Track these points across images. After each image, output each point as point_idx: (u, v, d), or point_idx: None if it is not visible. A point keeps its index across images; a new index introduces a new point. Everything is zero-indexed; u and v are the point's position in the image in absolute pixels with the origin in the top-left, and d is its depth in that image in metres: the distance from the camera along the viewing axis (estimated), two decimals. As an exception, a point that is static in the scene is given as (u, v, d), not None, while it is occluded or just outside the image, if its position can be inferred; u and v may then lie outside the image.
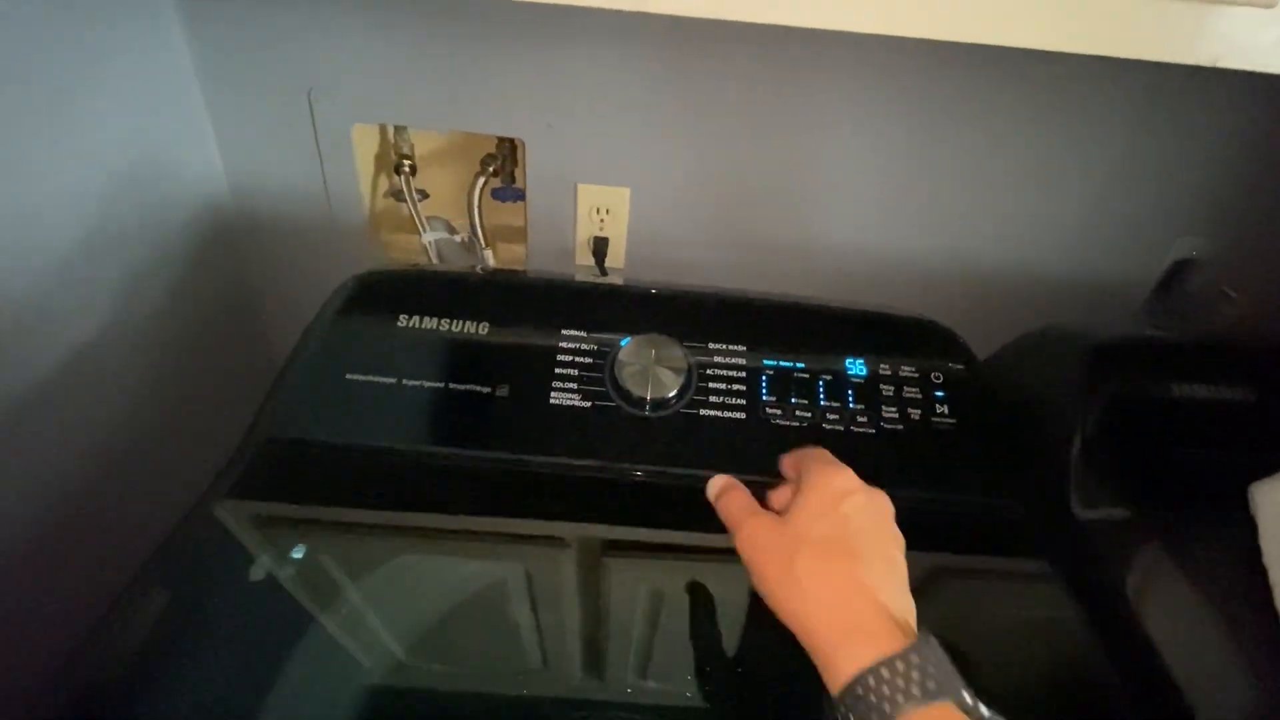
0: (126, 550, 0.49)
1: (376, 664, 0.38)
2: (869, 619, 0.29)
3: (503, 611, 0.42)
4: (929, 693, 0.26)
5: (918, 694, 0.26)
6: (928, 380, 0.51)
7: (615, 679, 0.38)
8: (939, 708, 0.26)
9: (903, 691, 0.26)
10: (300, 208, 0.75)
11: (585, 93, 0.67)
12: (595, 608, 0.42)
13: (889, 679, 0.27)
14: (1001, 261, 0.77)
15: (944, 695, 0.26)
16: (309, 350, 0.50)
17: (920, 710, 0.26)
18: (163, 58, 0.63)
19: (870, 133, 0.69)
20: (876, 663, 0.27)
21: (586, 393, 0.49)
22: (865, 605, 0.30)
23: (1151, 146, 0.69)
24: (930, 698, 0.26)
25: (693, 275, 0.79)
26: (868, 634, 0.28)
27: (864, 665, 0.27)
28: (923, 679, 0.27)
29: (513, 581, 0.43)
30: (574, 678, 0.38)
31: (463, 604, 0.41)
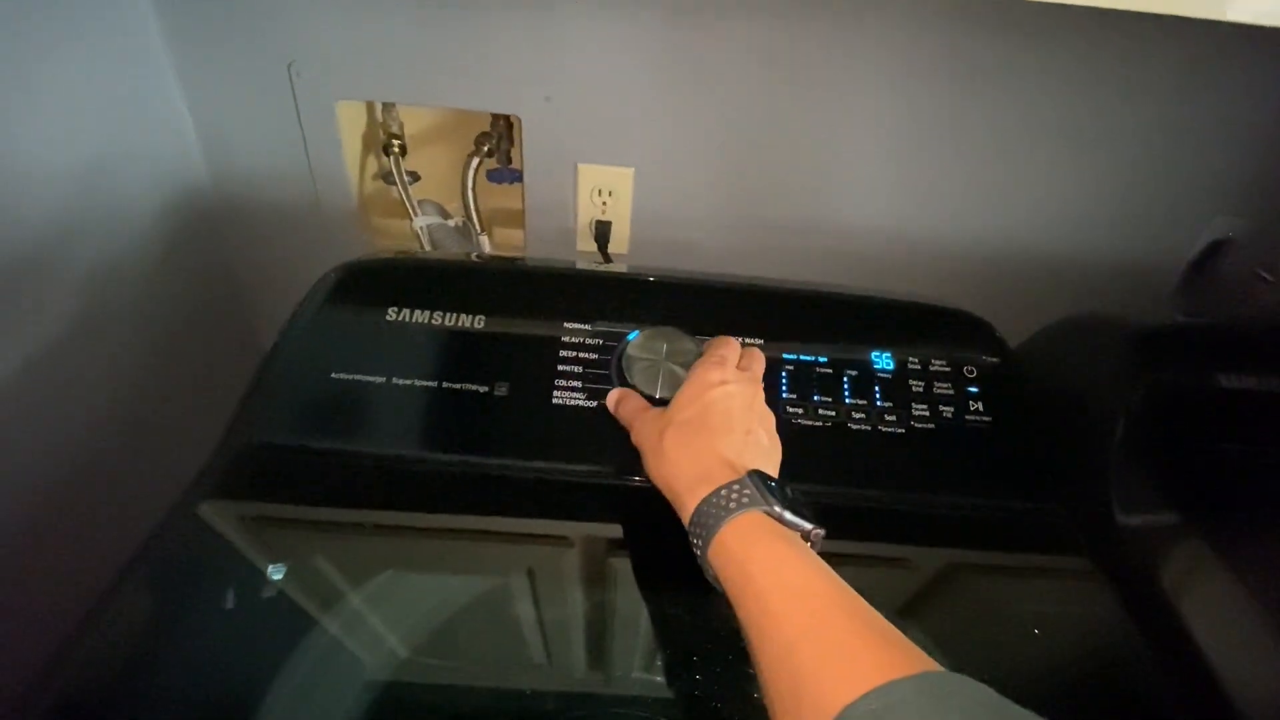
0: (106, 550, 0.46)
1: (366, 669, 0.36)
2: (715, 471, 0.36)
3: (501, 623, 0.39)
4: (742, 506, 0.34)
5: (733, 508, 0.34)
6: (960, 375, 0.47)
7: (616, 683, 0.37)
8: (749, 515, 0.33)
9: (724, 509, 0.34)
10: (284, 191, 0.71)
11: (586, 65, 0.63)
12: (598, 618, 0.39)
13: (716, 503, 0.34)
14: (1024, 246, 0.73)
15: (754, 506, 0.34)
16: (290, 347, 0.46)
17: (734, 519, 0.33)
18: (131, 33, 0.59)
19: (888, 106, 0.64)
20: (709, 493, 0.35)
21: (592, 391, 0.45)
22: (714, 462, 0.36)
23: (1187, 120, 0.65)
24: (742, 509, 0.33)
25: (701, 260, 0.75)
26: (711, 480, 0.35)
27: (702, 496, 0.35)
28: (739, 498, 0.34)
29: (512, 588, 0.40)
30: (573, 682, 0.36)
31: (457, 615, 0.39)
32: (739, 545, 0.33)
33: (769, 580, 0.31)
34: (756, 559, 0.32)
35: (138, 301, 0.63)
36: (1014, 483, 0.45)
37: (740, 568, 0.32)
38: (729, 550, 0.33)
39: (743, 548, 0.33)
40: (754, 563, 0.32)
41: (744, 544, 0.33)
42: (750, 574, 0.32)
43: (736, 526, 0.33)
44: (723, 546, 0.33)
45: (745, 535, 0.33)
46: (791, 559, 0.32)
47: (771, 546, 0.32)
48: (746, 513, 0.33)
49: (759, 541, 0.33)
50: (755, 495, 0.34)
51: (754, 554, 0.32)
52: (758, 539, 0.33)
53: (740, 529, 0.33)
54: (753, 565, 0.32)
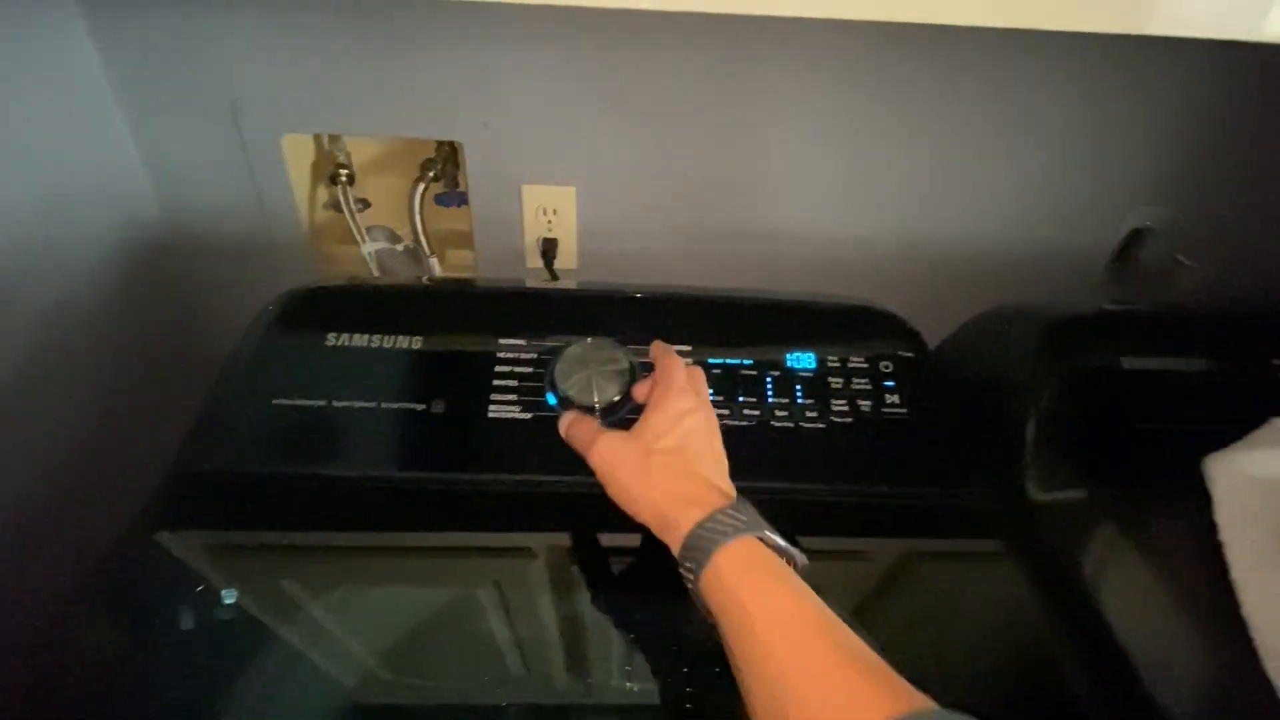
0: (58, 581, 0.47)
1: (325, 692, 0.37)
2: (702, 493, 0.37)
3: (460, 628, 0.40)
4: (738, 530, 0.34)
5: (729, 533, 0.34)
6: (877, 370, 0.50)
7: (577, 689, 0.38)
8: (745, 540, 0.34)
9: (720, 534, 0.34)
10: (235, 224, 0.72)
11: (522, 91, 0.65)
12: (551, 622, 0.41)
13: (710, 528, 0.34)
14: (958, 242, 0.76)
15: (749, 531, 0.34)
16: (232, 376, 0.48)
17: (730, 544, 0.33)
18: (75, 75, 0.60)
19: (817, 118, 0.67)
20: (703, 518, 0.35)
21: (527, 404, 0.47)
22: (698, 485, 0.37)
23: (1101, 118, 0.68)
24: (738, 534, 0.34)
25: (648, 272, 0.77)
26: (701, 503, 0.36)
27: (695, 522, 0.35)
28: (734, 523, 0.34)
29: (463, 600, 0.42)
30: (543, 688, 0.38)
31: (418, 625, 0.40)
32: (733, 571, 0.33)
33: (761, 609, 0.31)
34: (749, 585, 0.32)
35: (92, 337, 0.64)
36: (929, 470, 0.47)
37: (732, 594, 0.32)
38: (722, 576, 0.33)
39: (736, 574, 0.33)
40: (746, 589, 0.32)
41: (738, 570, 0.33)
42: (742, 601, 0.32)
43: (732, 551, 0.33)
44: (716, 571, 0.33)
45: (740, 561, 0.33)
46: (784, 590, 0.32)
47: (764, 575, 0.33)
48: (743, 537, 0.34)
49: (753, 568, 0.33)
50: (751, 521, 0.34)
51: (747, 580, 0.32)
52: (751, 566, 0.33)
53: (736, 553, 0.33)
54: (744, 591, 0.32)
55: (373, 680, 0.38)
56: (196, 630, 0.38)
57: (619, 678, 0.39)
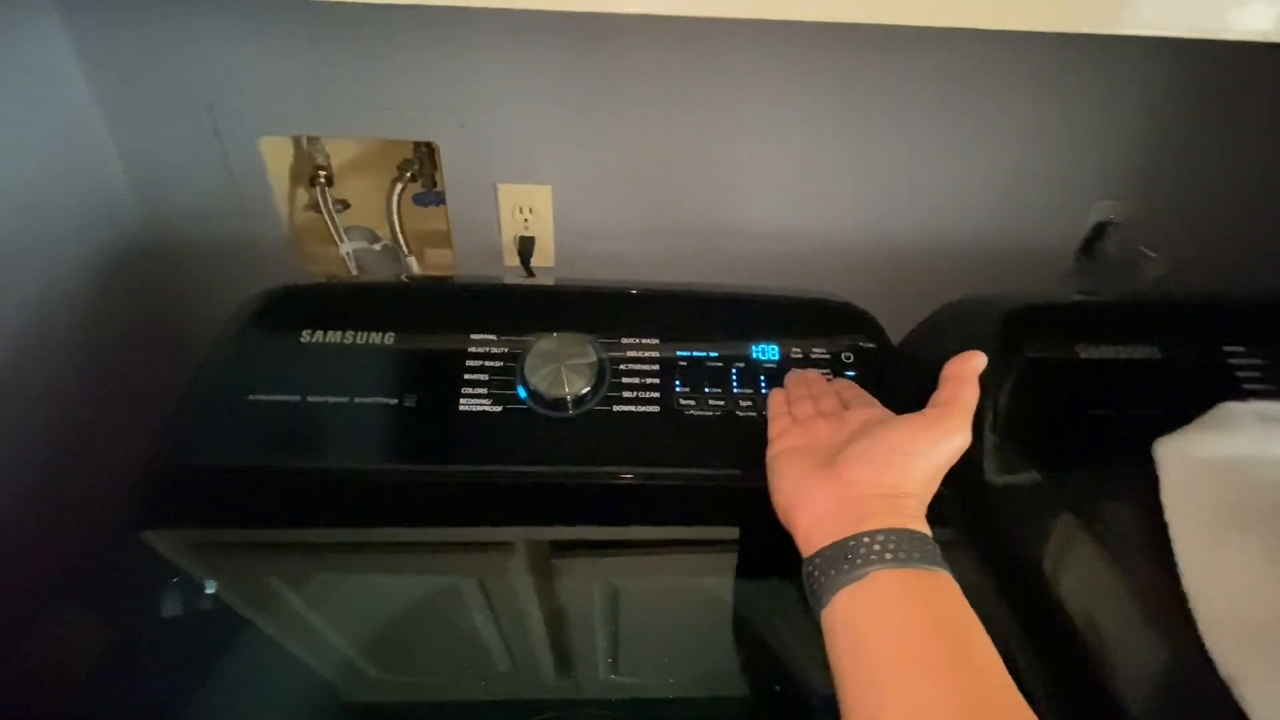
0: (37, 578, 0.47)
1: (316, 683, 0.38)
2: (904, 515, 0.36)
3: (439, 623, 0.41)
4: (929, 562, 0.33)
5: (919, 557, 0.33)
6: (838, 360, 0.51)
7: (560, 680, 0.39)
8: (938, 573, 0.33)
9: (918, 556, 0.33)
10: (215, 226, 0.73)
11: (497, 91, 0.66)
12: (524, 611, 0.42)
13: (914, 537, 0.34)
14: (926, 238, 0.77)
15: (933, 565, 0.33)
16: (209, 372, 0.49)
17: (928, 570, 0.33)
18: (52, 78, 0.61)
19: (783, 117, 0.69)
20: (892, 527, 0.34)
21: (497, 397, 0.49)
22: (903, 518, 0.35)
23: (1064, 114, 0.70)
24: (931, 566, 0.33)
25: (624, 269, 0.78)
26: (901, 517, 0.35)
27: (896, 523, 0.34)
28: (921, 553, 0.33)
29: (438, 591, 0.43)
30: (525, 682, 0.38)
31: (397, 619, 0.41)
32: (902, 593, 0.32)
33: (897, 639, 0.31)
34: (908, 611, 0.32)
35: (72, 340, 0.65)
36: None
37: (872, 619, 0.32)
38: (890, 594, 0.32)
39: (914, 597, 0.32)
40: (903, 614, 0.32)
41: (920, 596, 0.33)
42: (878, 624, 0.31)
43: (924, 577, 0.33)
44: (878, 586, 0.32)
45: (924, 585, 0.33)
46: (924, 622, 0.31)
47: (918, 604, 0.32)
48: (932, 569, 0.33)
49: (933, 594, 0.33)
50: (932, 553, 0.34)
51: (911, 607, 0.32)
52: (932, 593, 0.33)
53: (925, 580, 0.33)
54: (898, 618, 0.31)
55: (349, 672, 0.39)
56: (175, 626, 0.39)
57: (598, 669, 0.39)
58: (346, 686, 0.38)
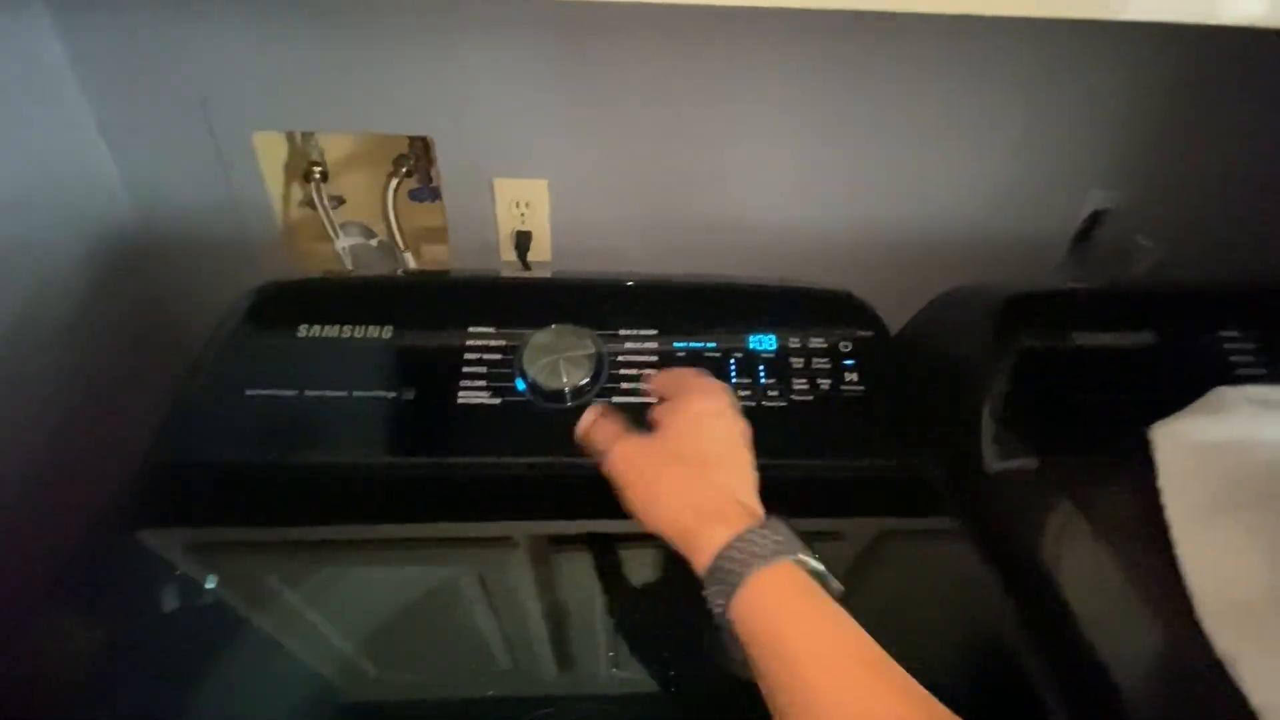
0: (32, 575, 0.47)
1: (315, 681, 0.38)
2: (727, 510, 0.34)
3: (438, 618, 0.41)
4: (775, 554, 0.32)
5: (766, 556, 0.31)
6: (836, 350, 0.52)
7: (559, 674, 0.39)
8: (781, 564, 0.31)
9: (754, 556, 0.31)
10: (210, 223, 0.73)
11: (491, 84, 0.66)
12: (525, 605, 0.42)
13: (742, 548, 0.32)
14: (922, 227, 0.78)
15: (785, 555, 0.32)
16: (206, 367, 0.49)
17: (766, 568, 0.31)
18: (40, 73, 0.61)
19: (780, 107, 0.69)
20: (733, 538, 0.32)
21: (496, 389, 0.49)
22: (724, 500, 0.35)
23: (1057, 104, 0.70)
24: (775, 557, 0.31)
25: (621, 262, 0.78)
26: (726, 520, 0.33)
27: (723, 542, 0.32)
28: (770, 545, 0.32)
29: (438, 585, 0.43)
30: (525, 678, 0.38)
31: (396, 615, 0.41)
32: (769, 598, 0.31)
33: (802, 640, 0.29)
34: (787, 615, 0.30)
35: (65, 338, 0.64)
36: (885, 445, 0.49)
37: (769, 623, 0.30)
38: (756, 603, 0.30)
39: (773, 602, 0.30)
40: (785, 619, 0.30)
41: (775, 597, 0.31)
42: (781, 631, 0.30)
43: (767, 577, 0.31)
44: (750, 599, 0.31)
45: (777, 587, 0.31)
46: (826, 619, 0.30)
47: (804, 603, 0.31)
48: (779, 562, 0.31)
49: (791, 596, 0.31)
50: (787, 542, 0.32)
51: (786, 610, 0.30)
52: (790, 593, 0.31)
53: (771, 580, 0.31)
54: (783, 621, 0.30)
55: (349, 669, 0.38)
56: (173, 624, 0.39)
57: (598, 664, 0.39)
58: (347, 682, 0.38)
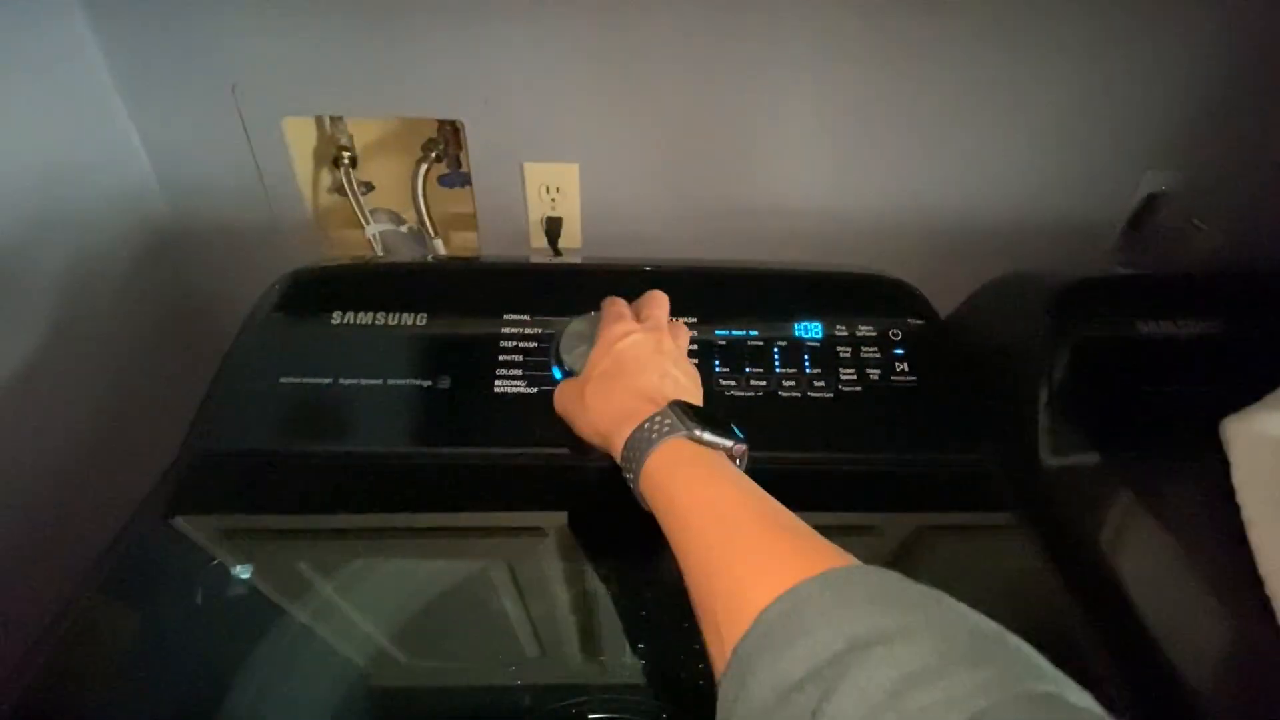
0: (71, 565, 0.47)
1: (343, 668, 0.37)
2: (636, 407, 0.37)
3: (471, 607, 0.40)
4: (663, 434, 0.35)
5: (655, 437, 0.35)
6: (886, 338, 0.49)
7: (595, 666, 0.38)
8: (671, 441, 0.35)
9: (647, 439, 0.35)
10: (239, 209, 0.72)
11: (521, 66, 0.64)
12: (562, 598, 0.41)
13: (640, 436, 0.36)
14: (965, 210, 0.75)
15: (674, 433, 0.35)
16: (239, 356, 0.48)
17: (657, 447, 0.35)
18: (72, 61, 0.60)
19: (819, 86, 0.66)
20: (636, 426, 0.36)
21: (532, 378, 0.47)
22: (633, 400, 0.38)
23: (1111, 78, 0.67)
24: (663, 437, 0.35)
25: (653, 248, 0.76)
26: (635, 417, 0.37)
27: (627, 433, 0.36)
28: (660, 427, 0.35)
29: (474, 575, 0.42)
30: (555, 667, 0.38)
31: (429, 604, 0.40)
32: (662, 471, 0.34)
33: (688, 499, 0.32)
34: (678, 481, 0.33)
35: (99, 324, 0.64)
36: (939, 438, 0.47)
37: (664, 492, 0.33)
38: (653, 477, 0.34)
39: (666, 473, 0.34)
40: (676, 485, 0.33)
41: (667, 469, 0.34)
42: (672, 496, 0.33)
43: (660, 454, 0.34)
44: (649, 475, 0.34)
45: (668, 461, 0.34)
46: (710, 478, 0.33)
47: (692, 468, 0.34)
48: (669, 440, 0.35)
49: (680, 465, 0.34)
50: (676, 422, 0.35)
51: (676, 477, 0.34)
52: (680, 463, 0.34)
53: (664, 456, 0.34)
54: (674, 488, 0.33)
55: (382, 657, 0.38)
56: (210, 609, 0.39)
57: (628, 653, 0.39)
58: (382, 674, 0.37)
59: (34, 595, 0.56)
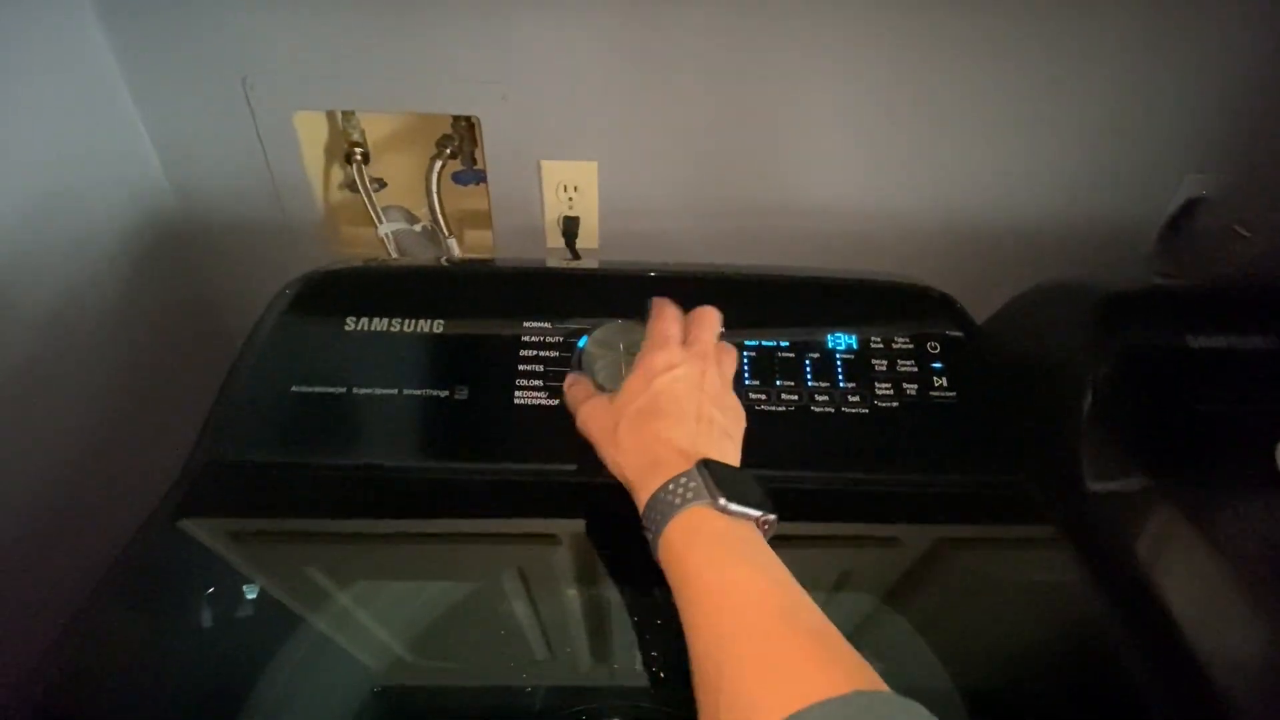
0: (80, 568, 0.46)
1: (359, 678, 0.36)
2: (667, 459, 0.35)
3: (487, 623, 0.39)
4: (686, 501, 0.33)
5: (678, 503, 0.33)
6: (924, 351, 0.47)
7: (610, 684, 0.37)
8: (694, 510, 0.33)
9: (670, 504, 0.33)
10: (249, 205, 0.71)
11: (540, 62, 0.62)
12: (583, 620, 0.39)
13: (663, 498, 0.34)
14: (997, 214, 0.72)
15: (698, 501, 0.33)
16: (249, 363, 0.46)
17: (679, 514, 0.33)
18: (80, 56, 0.59)
19: (847, 82, 0.64)
20: (660, 486, 0.34)
21: (554, 389, 0.45)
22: (666, 450, 0.36)
23: (1150, 78, 0.64)
24: (687, 504, 0.33)
25: (672, 251, 0.74)
26: (661, 469, 0.35)
27: (654, 490, 0.34)
28: (684, 492, 0.33)
29: (490, 592, 0.40)
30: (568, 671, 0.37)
31: (443, 625, 0.39)
32: (682, 541, 0.32)
33: (706, 579, 0.31)
34: (697, 555, 0.31)
35: (105, 323, 0.63)
36: (980, 457, 0.45)
37: (682, 565, 0.32)
38: (673, 546, 0.32)
39: (685, 543, 0.32)
40: (694, 559, 0.31)
41: (686, 539, 0.32)
42: (689, 571, 0.31)
43: (681, 522, 0.32)
44: (668, 542, 0.33)
45: (689, 530, 0.32)
46: (731, 558, 0.31)
47: (714, 544, 0.32)
48: (691, 507, 0.33)
49: (702, 537, 0.32)
50: (700, 488, 0.33)
51: (695, 549, 0.32)
52: (701, 534, 0.32)
53: (686, 523, 0.32)
54: (693, 562, 0.31)
55: (399, 665, 0.37)
56: (223, 619, 0.37)
57: (645, 666, 0.37)
58: (394, 675, 0.36)
59: (35, 598, 0.55)
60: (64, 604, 0.40)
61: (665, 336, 0.41)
